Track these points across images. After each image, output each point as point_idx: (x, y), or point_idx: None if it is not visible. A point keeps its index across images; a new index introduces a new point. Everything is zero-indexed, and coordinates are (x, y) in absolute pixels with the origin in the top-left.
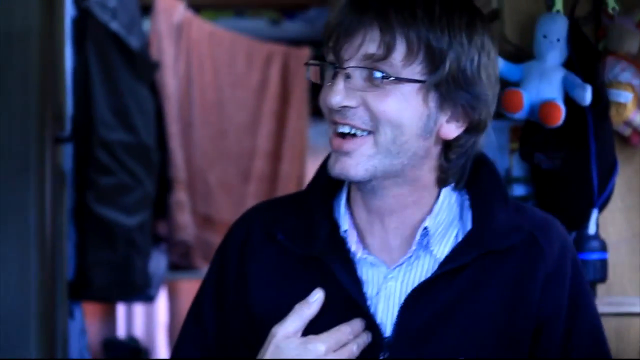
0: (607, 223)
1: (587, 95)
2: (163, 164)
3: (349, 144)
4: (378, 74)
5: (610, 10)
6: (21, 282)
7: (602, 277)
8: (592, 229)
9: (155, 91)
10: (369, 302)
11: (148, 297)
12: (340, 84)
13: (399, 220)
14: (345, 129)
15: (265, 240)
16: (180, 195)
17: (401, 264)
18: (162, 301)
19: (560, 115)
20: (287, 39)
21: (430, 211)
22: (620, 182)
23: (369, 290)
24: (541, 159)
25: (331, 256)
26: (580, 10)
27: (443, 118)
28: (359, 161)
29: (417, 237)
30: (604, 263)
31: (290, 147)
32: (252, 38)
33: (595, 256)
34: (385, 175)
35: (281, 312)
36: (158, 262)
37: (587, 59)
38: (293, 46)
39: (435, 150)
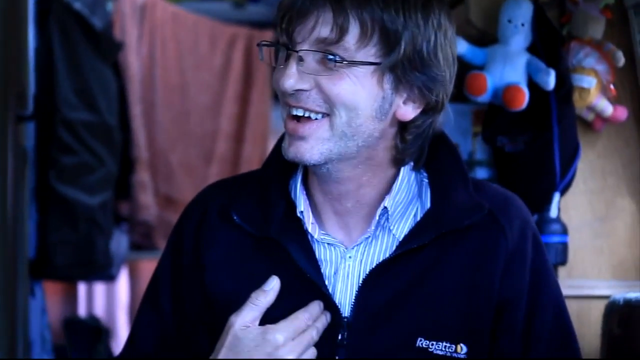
0: (568, 206)
1: (550, 80)
2: (125, 144)
3: (303, 128)
4: (331, 58)
5: None
6: None
7: (563, 260)
8: (554, 212)
9: (118, 71)
10: (327, 282)
11: (109, 277)
12: (293, 67)
13: (355, 199)
14: (299, 112)
15: (220, 221)
16: (142, 176)
17: (359, 244)
18: (123, 281)
19: (523, 99)
20: (250, 21)
21: (388, 191)
22: (583, 166)
23: (327, 270)
24: (504, 142)
25: (287, 237)
26: None
27: (399, 100)
28: (313, 145)
29: (376, 217)
30: (565, 246)
31: (252, 129)
32: (215, 20)
33: (556, 239)
34: (340, 157)
35: (238, 294)
36: (119, 241)
37: (551, 43)
38: (257, 29)
39: (391, 131)
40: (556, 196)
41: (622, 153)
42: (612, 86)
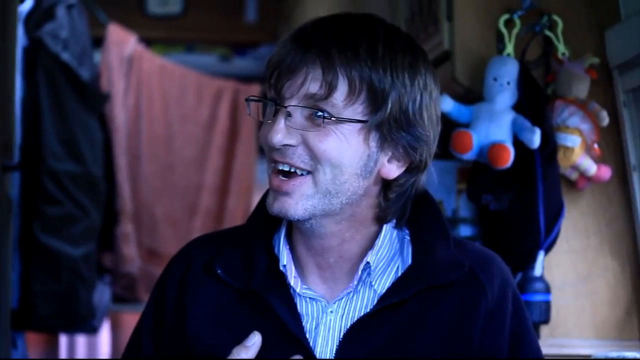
0: (552, 265)
1: (535, 138)
2: (110, 196)
3: (288, 185)
4: (319, 114)
5: (559, 55)
6: None
7: (546, 319)
8: (538, 271)
9: (104, 123)
10: (308, 336)
11: (91, 329)
12: (281, 122)
13: (337, 255)
14: (285, 167)
15: (203, 275)
16: (126, 228)
17: (341, 298)
18: (105, 333)
19: (509, 157)
20: (237, 75)
21: (371, 246)
22: (566, 224)
23: (308, 324)
24: (489, 200)
25: (270, 291)
26: (531, 55)
27: (384, 158)
28: (297, 200)
29: (359, 272)
30: (548, 305)
31: (237, 182)
32: (202, 73)
33: (539, 297)
34: (323, 213)
35: (219, 347)
36: (102, 293)
37: (536, 102)
38: (243, 82)
39: (375, 189)
40: (540, 255)
41: (605, 212)
42: (596, 145)
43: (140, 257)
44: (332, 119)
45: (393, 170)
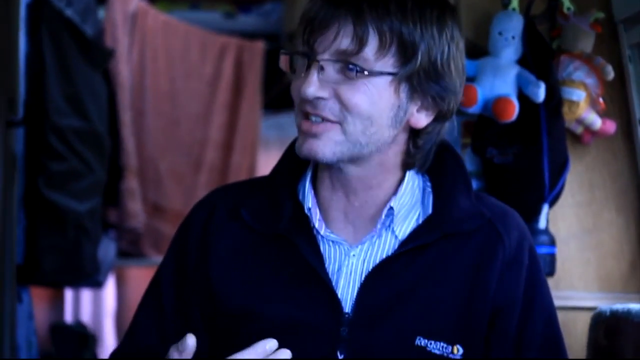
0: (557, 218)
1: (540, 92)
2: (115, 151)
3: (318, 127)
4: (351, 68)
5: (565, 10)
6: None
7: (551, 271)
8: (542, 224)
9: (108, 79)
10: (331, 278)
11: (96, 283)
12: (314, 76)
13: (362, 199)
14: (317, 119)
15: (229, 219)
16: (131, 183)
17: (363, 242)
18: (110, 288)
19: (513, 111)
20: (241, 32)
21: (395, 192)
22: (571, 178)
23: (331, 266)
24: (494, 154)
25: (295, 233)
26: (536, 9)
27: (413, 108)
28: (326, 143)
29: (382, 216)
30: (552, 257)
31: (242, 138)
32: (206, 30)
33: (544, 250)
34: (352, 159)
35: (244, 289)
36: (107, 248)
37: (541, 56)
38: (247, 39)
39: (403, 136)
40: (545, 208)
41: (610, 166)
42: (601, 99)
43: (145, 212)
44: (364, 72)
45: (422, 119)
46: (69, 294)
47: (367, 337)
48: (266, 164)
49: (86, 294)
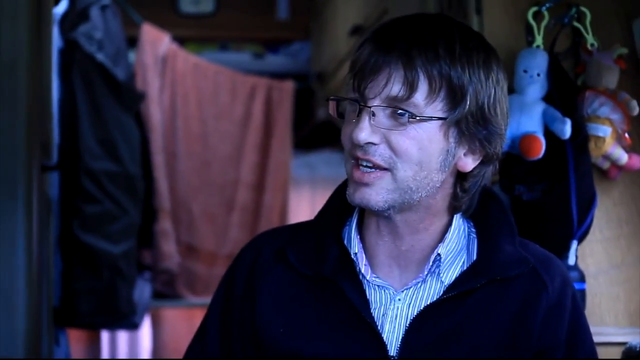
0: (585, 254)
1: (566, 129)
2: (148, 194)
3: (369, 177)
4: (403, 113)
5: (589, 46)
6: (8, 309)
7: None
8: (571, 260)
9: (140, 122)
10: (376, 322)
11: (132, 325)
12: (365, 121)
13: (409, 244)
14: (367, 164)
15: (275, 262)
16: (164, 225)
17: (409, 287)
18: (146, 329)
19: (540, 148)
20: (270, 72)
21: (442, 238)
22: (599, 214)
23: (376, 311)
24: (522, 191)
25: (341, 277)
26: (560, 46)
27: (461, 152)
28: (379, 192)
29: (430, 262)
30: (582, 293)
31: (273, 178)
32: (235, 71)
33: (575, 286)
34: (402, 206)
35: (289, 331)
36: (142, 290)
37: (566, 93)
38: (276, 79)
39: (451, 180)
40: (574, 244)
41: (637, 201)
42: (627, 135)
43: (179, 253)
44: (415, 117)
45: (469, 163)
46: (105, 335)
47: None
48: (297, 203)
49: (122, 336)
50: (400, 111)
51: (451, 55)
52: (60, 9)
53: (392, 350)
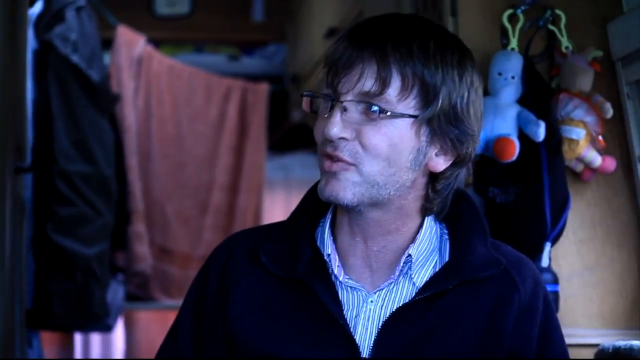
0: (559, 256)
1: (540, 131)
2: (122, 195)
3: (337, 166)
4: (375, 109)
5: (563, 49)
6: None
7: (554, 310)
8: (545, 262)
9: (114, 123)
10: (349, 324)
11: (106, 327)
12: (337, 116)
13: (381, 244)
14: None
15: (247, 263)
16: (138, 227)
17: (381, 288)
18: (119, 331)
19: (514, 150)
20: (245, 74)
21: (413, 239)
22: (572, 216)
23: (349, 312)
24: (495, 193)
25: (313, 279)
26: (535, 49)
27: (432, 151)
28: (346, 185)
29: (401, 263)
30: (555, 295)
31: (247, 180)
32: (211, 73)
33: (547, 288)
34: (371, 202)
35: (262, 333)
36: (116, 292)
37: (540, 96)
38: (251, 81)
39: (422, 181)
40: (547, 246)
41: (611, 202)
42: (600, 137)
43: (152, 255)
44: (387, 113)
45: (440, 163)
46: (78, 337)
47: None
48: (272, 205)
49: (95, 338)
50: (372, 107)
51: (425, 53)
52: (35, 10)
53: (365, 352)
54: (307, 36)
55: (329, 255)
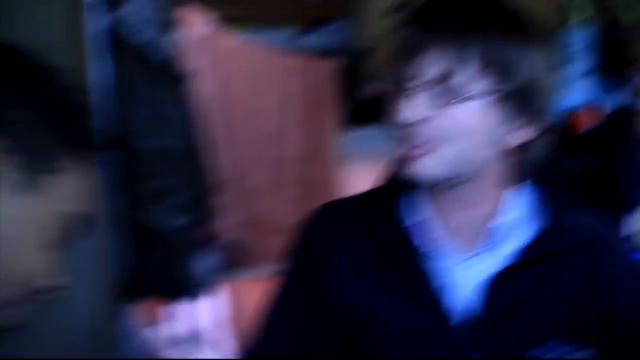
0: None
1: (615, 102)
2: (204, 169)
3: (420, 149)
4: (449, 92)
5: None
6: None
7: None
8: (627, 230)
9: (188, 100)
10: (440, 292)
11: (195, 297)
12: (414, 100)
13: (467, 216)
14: (415, 142)
15: (337, 234)
16: (222, 198)
17: (470, 258)
18: (207, 301)
19: (589, 121)
20: (310, 50)
21: (500, 210)
22: None
23: (439, 281)
24: (572, 164)
25: (401, 250)
26: (609, 19)
27: (511, 127)
28: (430, 164)
29: (493, 232)
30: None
31: (322, 154)
32: (276, 50)
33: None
34: (456, 178)
35: (358, 300)
36: (203, 263)
37: (616, 67)
38: (317, 57)
39: (503, 155)
40: (630, 215)
41: None
42: None
43: (237, 226)
44: (465, 94)
45: (520, 138)
46: (168, 307)
47: (474, 348)
48: (352, 177)
49: (186, 309)
50: (449, 87)
51: (499, 29)
52: None
53: (456, 320)
54: (375, 10)
55: (415, 225)
